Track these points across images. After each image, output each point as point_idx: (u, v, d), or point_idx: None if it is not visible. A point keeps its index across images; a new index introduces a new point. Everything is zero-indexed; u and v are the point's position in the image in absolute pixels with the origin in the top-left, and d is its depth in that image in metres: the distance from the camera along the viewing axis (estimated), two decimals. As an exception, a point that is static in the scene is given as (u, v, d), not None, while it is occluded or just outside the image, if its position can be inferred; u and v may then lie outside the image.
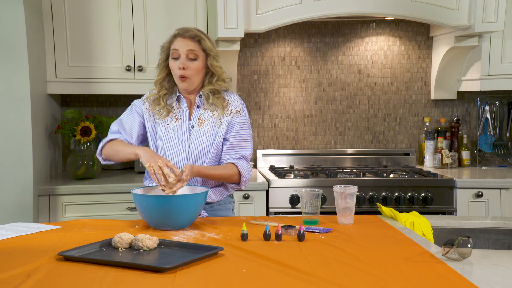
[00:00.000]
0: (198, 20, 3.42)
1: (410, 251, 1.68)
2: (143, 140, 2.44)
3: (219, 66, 2.35)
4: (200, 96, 2.37)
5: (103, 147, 2.37)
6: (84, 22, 3.36)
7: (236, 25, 3.23)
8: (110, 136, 2.39)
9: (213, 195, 2.36)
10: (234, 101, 2.38)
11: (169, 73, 2.37)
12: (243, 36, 3.28)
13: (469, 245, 1.58)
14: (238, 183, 2.35)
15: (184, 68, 2.28)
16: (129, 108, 2.45)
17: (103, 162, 2.40)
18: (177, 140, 2.34)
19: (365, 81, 3.94)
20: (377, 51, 3.93)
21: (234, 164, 2.33)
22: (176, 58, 2.30)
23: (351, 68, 3.93)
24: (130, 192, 2.35)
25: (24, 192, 2.99)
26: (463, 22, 3.40)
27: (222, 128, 2.34)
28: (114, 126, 2.41)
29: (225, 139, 2.35)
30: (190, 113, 2.37)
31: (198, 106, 2.38)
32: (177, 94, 2.38)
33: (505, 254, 1.67)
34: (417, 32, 3.93)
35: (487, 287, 1.35)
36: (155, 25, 3.40)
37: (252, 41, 3.87)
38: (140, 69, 3.39)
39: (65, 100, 3.73)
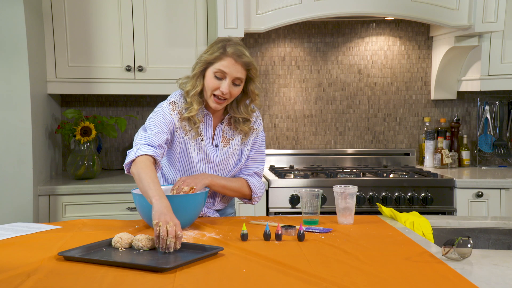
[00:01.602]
0: (198, 20, 3.42)
1: (410, 251, 1.68)
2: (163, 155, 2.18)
3: (258, 94, 2.19)
4: (229, 117, 2.22)
5: (133, 160, 2.03)
6: (84, 22, 3.36)
7: (236, 25, 3.23)
8: (143, 149, 2.03)
9: (223, 203, 2.34)
10: (258, 118, 2.28)
11: (203, 86, 2.13)
12: (243, 36, 3.27)
13: (469, 245, 1.58)
14: (250, 198, 2.31)
15: (227, 93, 2.08)
16: (161, 116, 2.14)
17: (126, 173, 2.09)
18: (206, 162, 2.20)
19: (365, 81, 3.94)
20: (377, 51, 3.93)
21: (245, 180, 2.27)
22: (219, 78, 2.08)
23: (351, 68, 3.93)
24: (130, 192, 2.36)
25: (24, 192, 2.99)
26: (463, 22, 3.40)
27: (247, 150, 2.26)
28: (151, 138, 2.07)
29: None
30: (214, 128, 2.22)
31: (222, 123, 2.23)
32: (205, 111, 2.18)
33: (505, 254, 1.67)
34: (417, 32, 3.93)
35: (487, 287, 1.35)
36: (155, 25, 3.40)
37: (252, 41, 3.87)
38: (140, 69, 3.38)
39: (65, 100, 3.73)
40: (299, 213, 2.45)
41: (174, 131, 2.15)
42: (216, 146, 2.21)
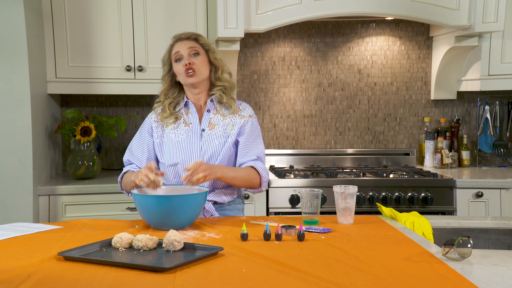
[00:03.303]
0: (198, 20, 3.42)
1: (410, 251, 1.68)
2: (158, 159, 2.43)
3: (220, 59, 2.40)
4: (212, 100, 2.38)
5: (120, 182, 2.39)
6: (84, 22, 3.36)
7: (236, 25, 3.23)
8: (124, 169, 2.40)
9: (224, 196, 2.35)
10: (246, 108, 2.42)
11: (173, 84, 2.40)
12: (243, 36, 3.27)
13: (469, 245, 1.58)
14: (259, 185, 2.34)
15: (190, 63, 2.31)
16: (139, 130, 2.44)
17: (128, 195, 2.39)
18: (189, 144, 2.33)
19: (365, 81, 3.94)
20: (377, 51, 3.93)
21: (253, 167, 2.31)
22: (179, 60, 2.34)
23: (351, 68, 3.93)
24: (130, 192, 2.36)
25: (24, 192, 2.99)
26: (463, 22, 3.40)
27: (234, 131, 2.34)
28: (125, 156, 2.41)
29: (237, 141, 2.35)
30: (200, 117, 2.38)
31: (208, 111, 2.38)
32: (185, 99, 2.39)
33: (505, 254, 1.67)
34: (417, 32, 3.93)
35: (487, 287, 1.35)
36: (155, 25, 3.40)
37: (252, 41, 3.87)
38: (140, 69, 3.38)
39: (65, 100, 3.73)
40: (299, 213, 2.45)
41: (151, 130, 2.40)
42: (203, 130, 2.35)
